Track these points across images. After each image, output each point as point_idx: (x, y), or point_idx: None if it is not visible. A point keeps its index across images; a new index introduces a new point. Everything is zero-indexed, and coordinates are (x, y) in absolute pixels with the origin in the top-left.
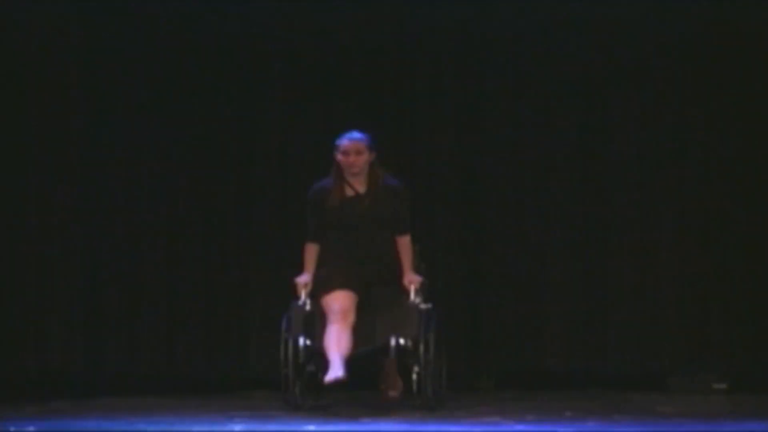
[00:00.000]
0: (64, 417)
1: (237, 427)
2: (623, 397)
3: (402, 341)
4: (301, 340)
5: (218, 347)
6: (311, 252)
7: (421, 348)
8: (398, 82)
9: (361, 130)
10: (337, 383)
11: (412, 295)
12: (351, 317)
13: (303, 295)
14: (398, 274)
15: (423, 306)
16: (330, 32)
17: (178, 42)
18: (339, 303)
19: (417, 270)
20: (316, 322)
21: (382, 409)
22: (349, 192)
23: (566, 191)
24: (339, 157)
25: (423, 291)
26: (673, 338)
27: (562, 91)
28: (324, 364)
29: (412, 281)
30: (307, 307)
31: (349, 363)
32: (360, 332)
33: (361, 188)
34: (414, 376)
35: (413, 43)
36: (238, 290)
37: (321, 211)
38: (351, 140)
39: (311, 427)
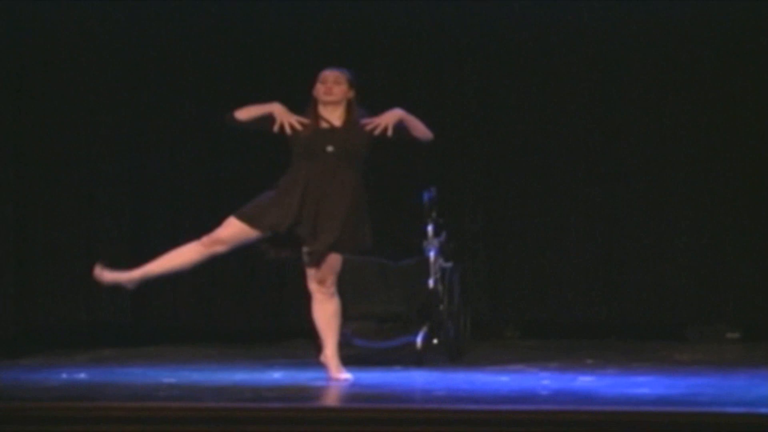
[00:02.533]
0: (112, 365)
1: (276, 375)
2: (642, 346)
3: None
4: None
5: (256, 299)
6: None
7: (445, 302)
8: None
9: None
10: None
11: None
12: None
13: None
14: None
15: (445, 264)
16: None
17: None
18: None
19: (437, 224)
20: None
21: (413, 359)
22: (324, 125)
23: (585, 146)
24: (317, 86)
25: (445, 249)
26: (689, 290)
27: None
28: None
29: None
30: None
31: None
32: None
33: (337, 122)
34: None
35: (440, 29)
36: None
37: (294, 139)
38: (331, 70)
39: (346, 375)
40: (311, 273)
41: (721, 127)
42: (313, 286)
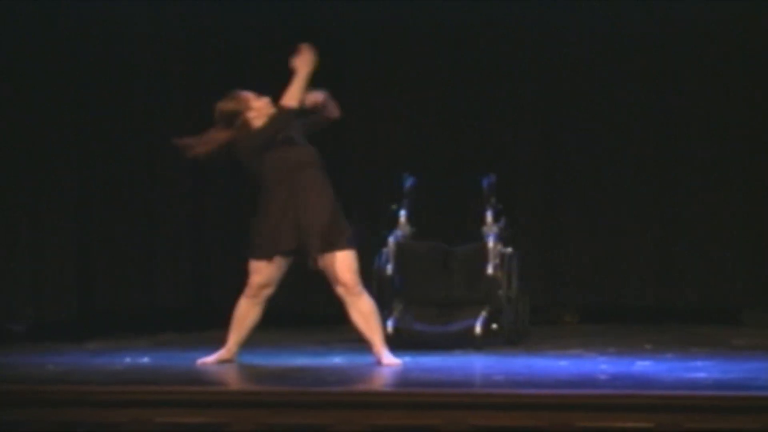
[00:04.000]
0: (174, 349)
1: (337, 359)
2: (699, 331)
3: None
4: (389, 268)
5: (317, 284)
6: None
7: (504, 287)
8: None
9: None
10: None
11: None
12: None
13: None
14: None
15: (504, 250)
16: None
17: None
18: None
19: (496, 210)
20: None
21: (472, 343)
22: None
23: (642, 132)
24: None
25: (504, 235)
26: (745, 275)
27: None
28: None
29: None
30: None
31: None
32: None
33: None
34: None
35: (498, 36)
36: None
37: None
38: (235, 96)
39: (406, 359)
40: (332, 279)
41: None
42: (339, 290)
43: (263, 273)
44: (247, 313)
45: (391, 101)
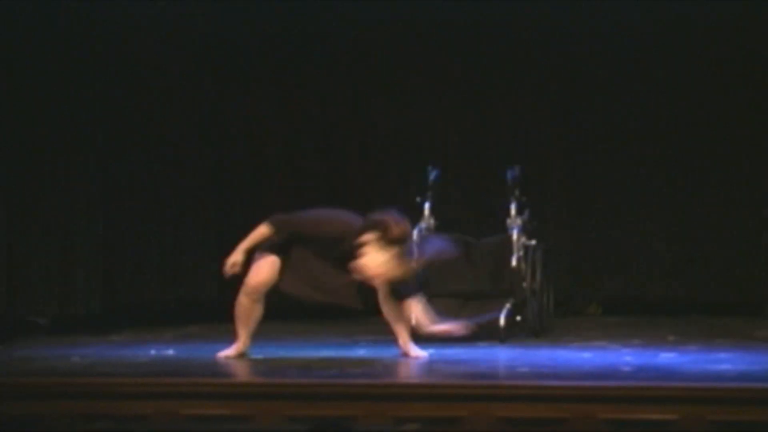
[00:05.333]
0: (199, 341)
1: (361, 351)
2: (723, 323)
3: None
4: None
5: None
6: None
7: (528, 279)
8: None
9: None
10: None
11: None
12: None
13: None
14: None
15: (528, 242)
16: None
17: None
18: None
19: (520, 203)
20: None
21: (496, 335)
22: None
23: (666, 124)
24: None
25: (528, 227)
26: None
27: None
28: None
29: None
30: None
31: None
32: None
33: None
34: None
35: (523, 29)
36: None
37: None
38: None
39: (430, 351)
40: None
41: None
42: (375, 281)
43: (265, 272)
44: (250, 311)
45: (415, 93)
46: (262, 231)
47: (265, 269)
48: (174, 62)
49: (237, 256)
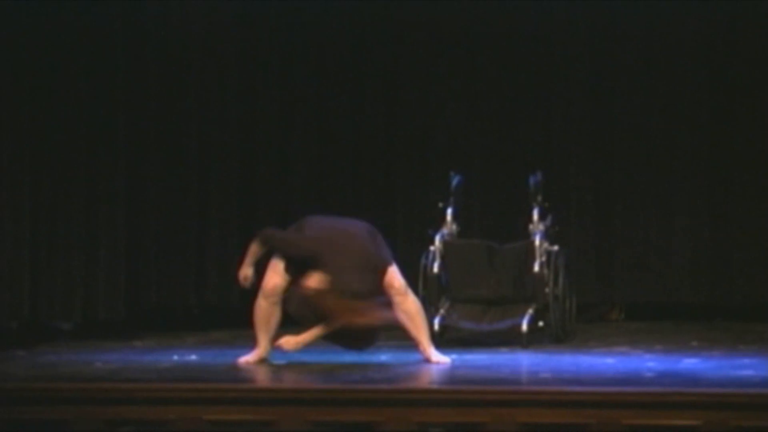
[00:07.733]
0: (222, 347)
1: (384, 357)
2: (746, 328)
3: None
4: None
5: None
6: None
7: (550, 285)
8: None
9: None
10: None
11: None
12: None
13: None
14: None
15: (550, 248)
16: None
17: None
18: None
19: (542, 208)
20: None
21: (519, 341)
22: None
23: (692, 129)
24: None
25: (551, 233)
26: None
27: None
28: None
29: None
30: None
31: None
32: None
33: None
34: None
35: (546, 33)
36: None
37: None
38: None
39: (453, 356)
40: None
41: None
42: (388, 292)
43: (281, 274)
44: (269, 314)
45: (438, 100)
46: (254, 248)
47: (282, 271)
48: (203, 65)
49: (245, 271)
